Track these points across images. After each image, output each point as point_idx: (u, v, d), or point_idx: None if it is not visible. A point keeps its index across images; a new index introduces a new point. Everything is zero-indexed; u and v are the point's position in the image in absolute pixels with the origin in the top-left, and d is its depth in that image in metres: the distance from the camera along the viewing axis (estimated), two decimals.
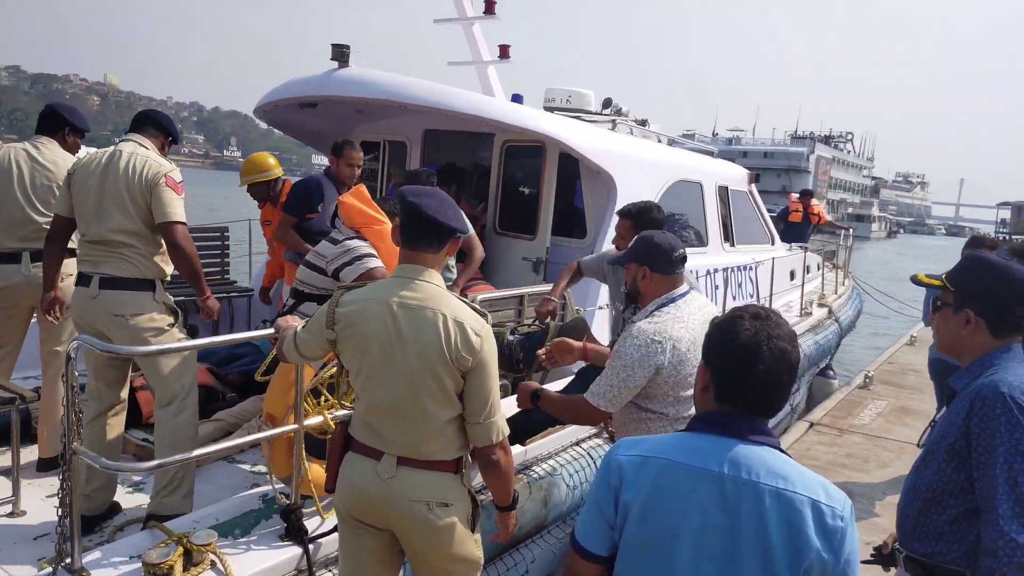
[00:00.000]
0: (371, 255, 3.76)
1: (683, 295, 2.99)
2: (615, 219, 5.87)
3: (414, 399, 2.38)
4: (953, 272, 2.32)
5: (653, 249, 2.99)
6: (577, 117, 6.96)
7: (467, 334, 2.38)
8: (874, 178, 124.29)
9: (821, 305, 9.83)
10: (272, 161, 6.05)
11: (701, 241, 7.41)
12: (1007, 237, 61.94)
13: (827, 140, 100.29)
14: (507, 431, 2.50)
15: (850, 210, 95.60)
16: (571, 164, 6.02)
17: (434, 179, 5.26)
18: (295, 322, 2.87)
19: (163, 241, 3.61)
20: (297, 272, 4.02)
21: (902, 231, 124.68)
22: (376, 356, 2.40)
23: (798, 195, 13.03)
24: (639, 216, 4.07)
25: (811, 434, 7.28)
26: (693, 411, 2.61)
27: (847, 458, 6.61)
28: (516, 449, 4.09)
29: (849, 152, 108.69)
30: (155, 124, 3.83)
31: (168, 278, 3.72)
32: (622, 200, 6.01)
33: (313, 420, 3.13)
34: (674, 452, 1.71)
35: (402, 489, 2.40)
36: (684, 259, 3.05)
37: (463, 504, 2.50)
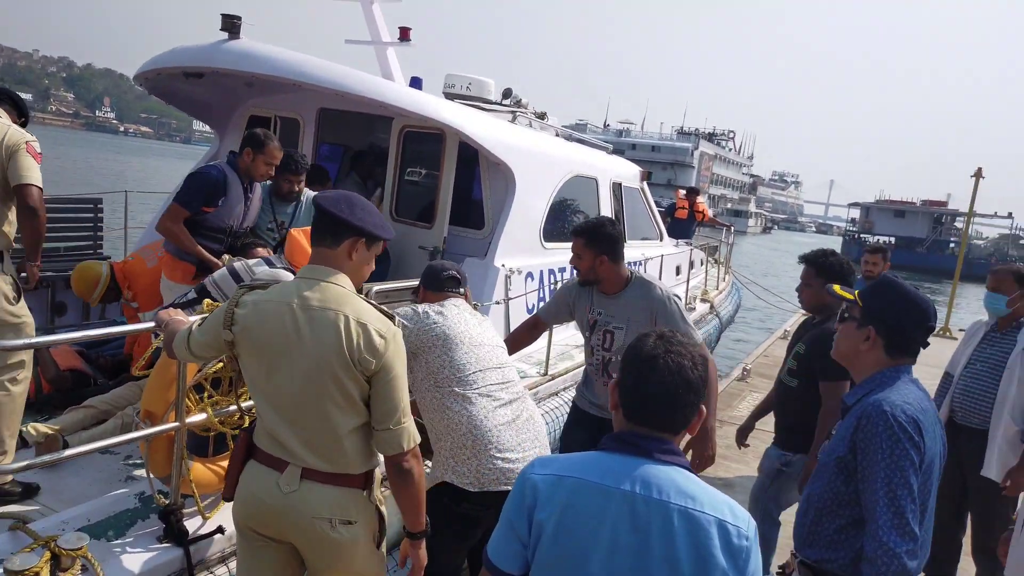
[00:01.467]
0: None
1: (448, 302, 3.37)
2: (512, 212, 5.98)
3: (316, 406, 2.29)
4: (867, 290, 2.44)
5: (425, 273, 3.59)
6: (477, 106, 6.90)
7: (371, 336, 2.30)
8: (752, 176, 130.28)
9: (704, 300, 10.21)
10: (96, 269, 5.19)
11: None
12: (856, 235, 66.29)
13: (711, 137, 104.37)
14: (419, 438, 2.43)
15: (729, 205, 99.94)
16: (471, 153, 5.97)
17: (300, 159, 5.18)
18: (179, 316, 2.71)
19: (10, 210, 3.57)
20: (215, 274, 3.94)
21: (776, 227, 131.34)
22: (276, 360, 2.30)
23: (685, 192, 13.49)
24: (593, 233, 3.85)
25: None
26: (486, 384, 3.11)
27: (727, 449, 6.90)
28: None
29: (731, 150, 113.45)
30: (11, 101, 3.89)
31: (11, 249, 3.63)
32: (520, 193, 6.02)
33: (196, 417, 2.97)
34: (587, 471, 1.72)
35: (304, 505, 2.31)
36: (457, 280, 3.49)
37: (369, 521, 2.43)
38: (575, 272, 4.02)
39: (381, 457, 2.43)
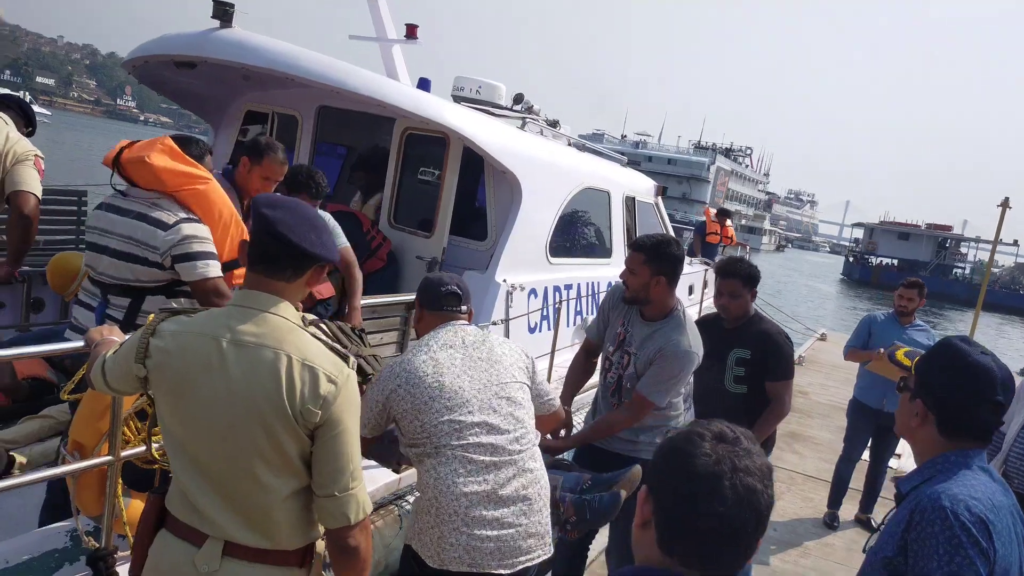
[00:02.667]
0: (212, 255, 3.08)
1: (447, 327, 2.82)
2: (517, 223, 5.61)
3: (244, 465, 1.86)
4: (921, 356, 2.07)
5: (422, 288, 2.98)
6: (486, 110, 6.53)
7: (317, 381, 1.87)
8: (768, 193, 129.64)
9: None
10: (73, 262, 4.68)
11: (605, 252, 7.13)
12: (860, 256, 65.52)
13: (728, 152, 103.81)
14: (369, 508, 1.98)
15: (744, 222, 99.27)
16: (475, 160, 5.60)
17: (321, 181, 4.33)
18: (112, 336, 2.32)
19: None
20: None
21: (790, 246, 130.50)
22: (195, 406, 1.87)
23: (716, 213, 13.05)
24: (656, 250, 3.45)
25: None
26: (471, 439, 2.52)
27: None
28: (388, 477, 3.66)
29: (747, 166, 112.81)
30: (20, 109, 3.99)
31: None
32: (527, 204, 5.64)
33: (134, 450, 2.59)
34: None
35: None
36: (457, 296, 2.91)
37: None
38: (623, 286, 3.60)
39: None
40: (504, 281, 5.38)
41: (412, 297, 4.55)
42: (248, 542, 1.88)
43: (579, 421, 5.05)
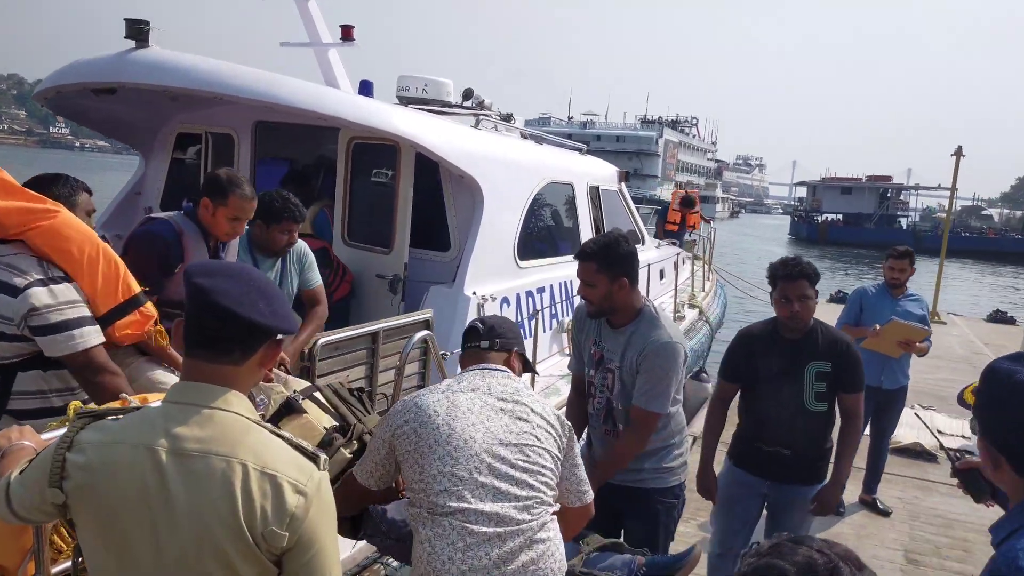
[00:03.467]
0: (79, 321, 2.48)
1: (477, 368, 2.51)
2: (482, 229, 5.23)
3: None
4: (977, 389, 1.73)
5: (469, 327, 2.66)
6: (435, 110, 6.13)
7: (282, 495, 1.49)
8: (717, 161, 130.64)
9: (692, 306, 9.53)
10: None
11: (575, 247, 6.77)
12: (805, 214, 66.38)
13: (674, 125, 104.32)
14: None
15: (696, 191, 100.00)
16: (431, 165, 5.20)
17: (297, 201, 3.86)
18: (24, 439, 1.89)
19: None
20: None
21: (744, 211, 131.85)
22: (131, 539, 1.49)
23: (680, 201, 12.71)
24: (606, 254, 3.17)
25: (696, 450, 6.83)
26: (471, 504, 2.11)
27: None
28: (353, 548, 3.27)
29: (694, 136, 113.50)
30: None
31: None
32: (490, 207, 5.27)
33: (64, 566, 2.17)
34: None
35: None
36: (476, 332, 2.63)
37: None
38: (584, 303, 3.32)
39: None
40: (474, 293, 5.01)
41: (376, 327, 4.19)
42: None
43: None
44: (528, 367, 2.70)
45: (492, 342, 2.53)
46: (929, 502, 6.11)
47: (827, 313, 11.96)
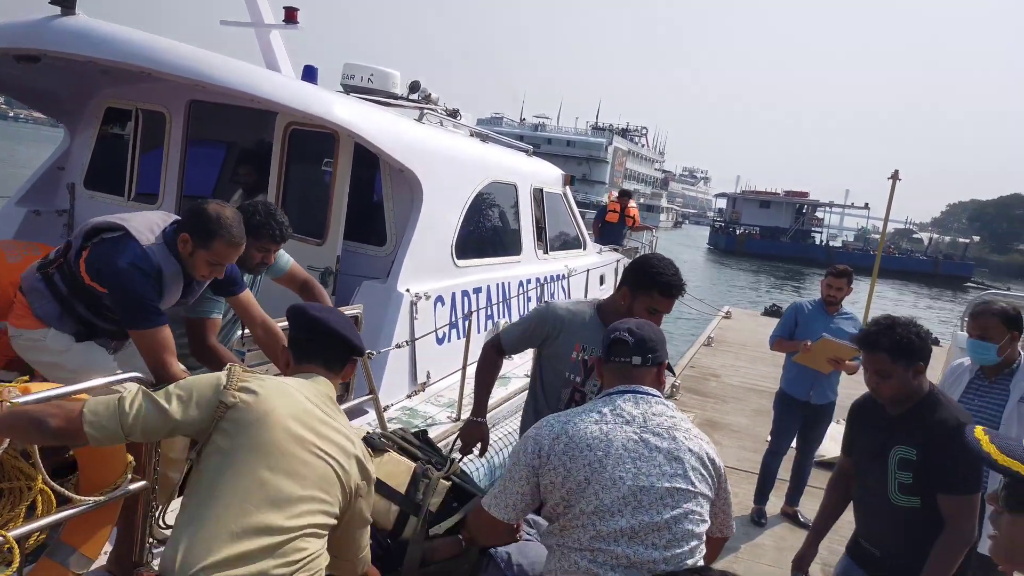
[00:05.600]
0: None
1: (628, 393, 2.36)
2: (419, 225, 5.11)
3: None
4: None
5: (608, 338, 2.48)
6: (380, 101, 5.99)
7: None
8: (664, 171, 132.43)
9: None
10: None
11: (515, 249, 6.72)
12: (724, 225, 67.73)
13: (624, 133, 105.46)
14: None
15: (642, 200, 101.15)
16: (371, 157, 5.07)
17: (284, 220, 3.54)
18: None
19: None
20: None
21: (687, 222, 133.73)
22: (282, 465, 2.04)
23: (617, 194, 12.88)
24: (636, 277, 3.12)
25: None
26: (604, 546, 2.09)
27: None
28: None
29: (643, 146, 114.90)
30: None
31: None
32: (429, 203, 5.16)
33: None
34: None
35: None
36: (626, 344, 2.44)
37: None
38: (587, 309, 3.23)
39: None
40: (408, 291, 4.89)
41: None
42: None
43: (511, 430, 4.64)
44: (671, 372, 2.61)
45: (645, 358, 2.38)
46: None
47: (762, 326, 12.06)
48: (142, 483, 2.46)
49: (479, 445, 3.36)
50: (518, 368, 6.01)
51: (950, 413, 2.80)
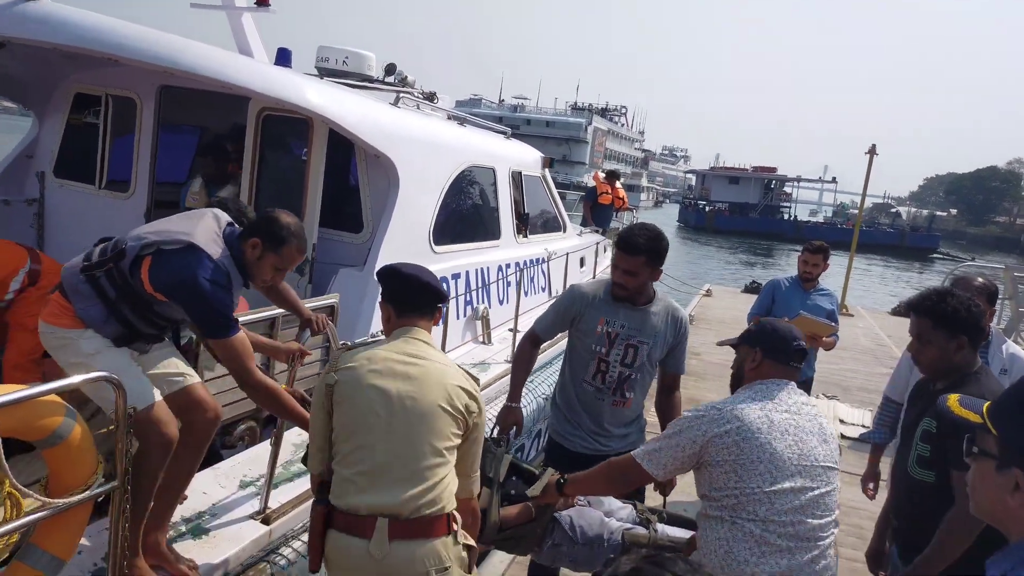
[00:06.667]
0: None
1: (783, 385, 2.69)
2: (396, 211, 5.05)
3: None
4: (999, 408, 1.46)
5: (771, 335, 2.77)
6: (355, 84, 5.91)
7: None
8: (644, 151, 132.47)
9: None
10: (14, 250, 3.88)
11: (494, 233, 6.68)
12: (693, 202, 67.92)
13: (603, 112, 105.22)
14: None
15: (623, 180, 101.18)
16: (346, 142, 4.99)
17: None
18: None
19: None
20: None
21: (668, 201, 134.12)
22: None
23: (604, 175, 12.83)
24: (658, 250, 3.49)
25: None
26: (776, 517, 2.39)
27: None
28: (255, 532, 3.13)
29: (623, 125, 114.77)
30: None
31: None
32: (406, 189, 5.10)
33: None
34: None
35: (401, 566, 2.37)
36: (804, 353, 2.79)
37: (460, 562, 2.48)
38: (613, 286, 3.56)
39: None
40: None
41: (277, 311, 3.95)
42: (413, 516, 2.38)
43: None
44: None
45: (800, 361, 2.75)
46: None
47: (743, 303, 12.12)
48: (114, 483, 2.42)
49: (515, 427, 3.69)
50: (498, 354, 6.00)
51: (979, 388, 2.72)
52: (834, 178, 75.04)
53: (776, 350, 2.70)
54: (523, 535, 3.10)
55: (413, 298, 2.65)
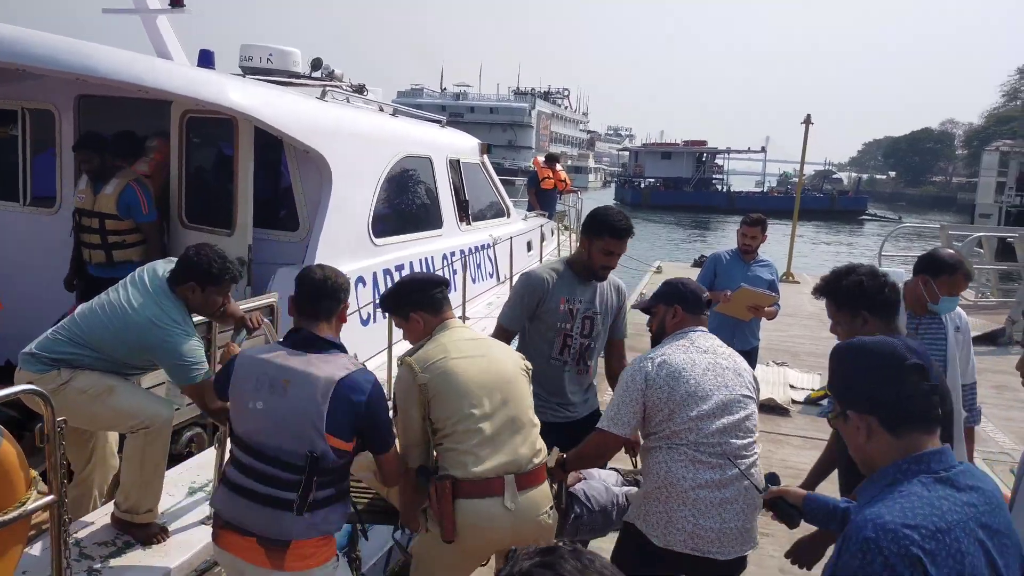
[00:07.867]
0: None
1: (699, 330, 3.08)
2: (331, 207, 4.99)
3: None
4: (829, 375, 1.87)
5: (683, 291, 3.14)
6: (280, 81, 5.82)
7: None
8: (589, 132, 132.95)
9: None
10: None
11: (435, 223, 6.66)
12: (628, 179, 68.19)
13: (547, 96, 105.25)
14: None
15: (569, 162, 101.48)
16: (275, 141, 4.93)
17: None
18: None
19: None
20: None
21: (616, 181, 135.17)
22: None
23: (544, 160, 12.82)
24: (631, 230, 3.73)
25: None
26: (705, 440, 2.78)
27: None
28: (204, 539, 3.09)
29: (567, 108, 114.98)
30: None
31: None
32: (339, 183, 5.06)
33: None
34: None
35: (529, 511, 2.79)
36: (709, 302, 3.26)
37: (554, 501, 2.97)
38: (598, 269, 3.71)
39: None
40: None
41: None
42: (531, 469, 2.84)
43: None
44: None
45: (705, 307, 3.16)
46: (781, 454, 6.42)
47: (692, 277, 12.11)
48: (50, 498, 2.36)
49: None
50: None
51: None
52: (763, 148, 75.92)
53: (692, 303, 3.09)
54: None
55: (436, 295, 2.98)
